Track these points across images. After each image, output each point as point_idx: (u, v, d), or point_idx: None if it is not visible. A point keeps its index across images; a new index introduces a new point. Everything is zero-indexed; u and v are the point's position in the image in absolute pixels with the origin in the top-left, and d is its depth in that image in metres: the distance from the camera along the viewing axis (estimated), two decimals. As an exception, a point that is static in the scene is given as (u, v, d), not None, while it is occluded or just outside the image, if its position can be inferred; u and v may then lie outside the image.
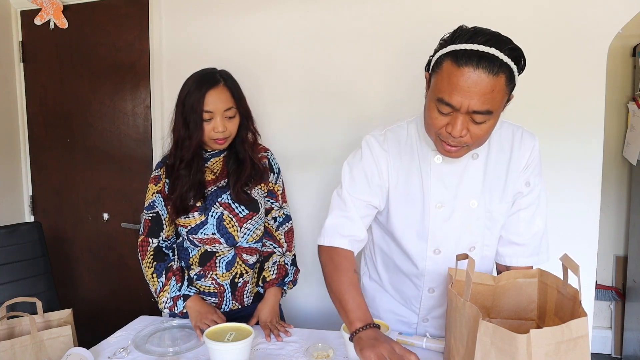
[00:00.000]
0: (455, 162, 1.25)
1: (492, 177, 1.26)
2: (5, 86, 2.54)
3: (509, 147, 1.27)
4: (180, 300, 1.54)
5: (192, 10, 2.25)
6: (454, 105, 1.06)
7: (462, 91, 1.03)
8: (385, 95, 2.07)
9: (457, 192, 1.26)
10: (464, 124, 1.08)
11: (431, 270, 1.33)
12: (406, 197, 1.29)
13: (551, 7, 1.86)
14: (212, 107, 1.47)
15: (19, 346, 1.35)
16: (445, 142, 1.13)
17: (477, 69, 1.02)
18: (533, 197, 1.29)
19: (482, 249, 1.32)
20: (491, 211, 1.27)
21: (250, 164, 1.57)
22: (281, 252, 1.65)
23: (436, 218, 1.27)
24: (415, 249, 1.32)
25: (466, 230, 1.28)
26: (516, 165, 1.26)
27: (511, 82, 1.07)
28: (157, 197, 1.57)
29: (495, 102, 1.05)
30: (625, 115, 2.94)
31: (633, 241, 2.91)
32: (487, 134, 1.11)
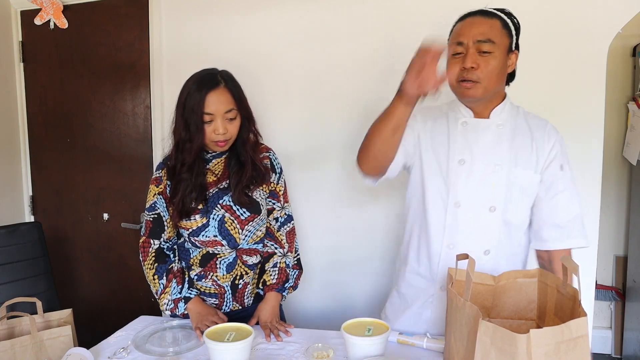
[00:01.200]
0: (480, 127, 1.39)
1: (518, 145, 1.37)
2: (5, 86, 2.54)
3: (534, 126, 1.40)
4: (181, 302, 1.54)
5: (192, 11, 2.25)
6: (462, 41, 1.31)
7: (466, 29, 1.32)
8: (386, 95, 2.07)
9: (480, 152, 1.37)
10: (473, 57, 1.29)
11: (451, 225, 1.39)
12: (434, 153, 1.42)
13: (551, 7, 1.86)
14: (212, 109, 1.45)
15: (19, 346, 1.35)
16: (462, 82, 1.32)
17: (475, 16, 1.33)
18: (567, 180, 1.38)
19: (503, 213, 1.37)
20: (516, 175, 1.36)
21: (251, 166, 1.55)
22: (282, 253, 1.65)
23: (458, 173, 1.38)
24: (439, 202, 1.41)
25: (488, 188, 1.37)
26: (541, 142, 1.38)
27: (506, 28, 1.32)
28: (159, 198, 1.57)
29: (494, 35, 1.29)
30: (625, 115, 2.94)
31: (633, 241, 2.91)
32: (495, 69, 1.30)
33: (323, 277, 2.22)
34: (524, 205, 1.40)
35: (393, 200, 2.09)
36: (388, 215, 2.11)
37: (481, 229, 1.38)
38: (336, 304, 2.22)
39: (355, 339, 1.26)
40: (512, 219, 1.38)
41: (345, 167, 2.14)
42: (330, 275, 2.21)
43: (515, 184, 1.36)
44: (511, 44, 1.33)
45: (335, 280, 2.21)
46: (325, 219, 2.19)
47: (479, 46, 1.29)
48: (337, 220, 2.18)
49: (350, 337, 1.26)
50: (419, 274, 1.48)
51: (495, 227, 1.38)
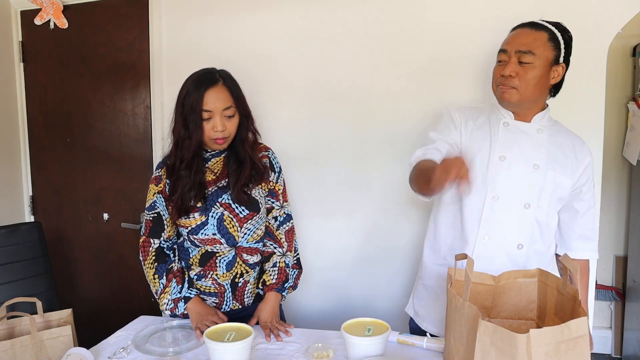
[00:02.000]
0: (521, 129, 1.46)
1: (555, 150, 1.45)
2: (5, 86, 2.54)
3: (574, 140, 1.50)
4: (181, 302, 1.54)
5: (192, 11, 2.25)
6: (506, 49, 1.40)
7: (512, 39, 1.42)
8: (385, 94, 2.07)
9: (520, 152, 1.44)
10: (513, 66, 1.37)
11: (488, 216, 1.45)
12: (473, 150, 1.48)
13: (551, 7, 1.86)
14: (211, 106, 1.46)
15: (19, 346, 1.35)
16: (501, 86, 1.41)
17: (523, 27, 1.42)
18: (594, 197, 1.52)
19: (535, 211, 1.44)
20: (551, 179, 1.43)
21: (250, 164, 1.56)
22: (281, 253, 1.65)
23: (498, 168, 1.44)
24: (475, 195, 1.45)
25: (525, 186, 1.43)
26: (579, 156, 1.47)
27: (553, 41, 1.38)
28: (158, 197, 1.57)
29: (536, 47, 1.37)
30: (625, 115, 2.94)
31: (633, 241, 2.91)
32: (533, 79, 1.37)
33: (323, 277, 2.22)
34: (554, 207, 1.48)
35: (393, 200, 2.09)
36: (388, 215, 2.11)
37: (516, 224, 1.44)
38: (336, 304, 2.22)
39: (355, 339, 1.26)
40: (542, 219, 1.46)
41: (345, 167, 2.14)
42: (330, 275, 2.21)
43: (549, 187, 1.44)
44: (557, 57, 1.40)
45: (335, 280, 2.21)
46: (325, 219, 2.19)
47: (520, 56, 1.37)
48: (337, 220, 2.18)
49: (350, 337, 1.27)
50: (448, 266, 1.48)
51: (529, 224, 1.44)
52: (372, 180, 2.11)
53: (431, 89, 2.01)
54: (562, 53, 1.40)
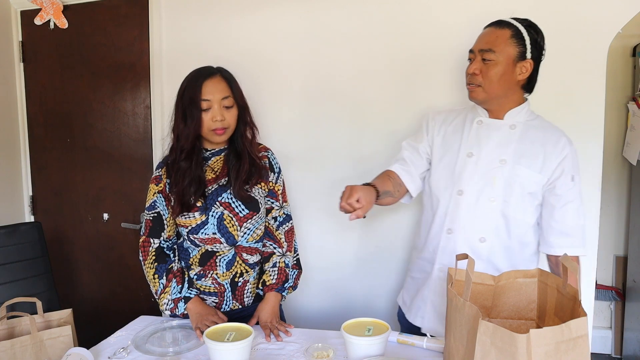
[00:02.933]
0: (494, 127, 1.50)
1: (526, 146, 1.47)
2: (5, 86, 2.54)
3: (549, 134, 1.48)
4: (181, 302, 1.54)
5: (192, 11, 2.25)
6: (472, 49, 1.47)
7: (478, 39, 1.48)
8: (385, 95, 2.07)
9: (488, 148, 1.48)
10: (476, 64, 1.44)
11: (452, 211, 1.50)
12: (444, 149, 1.56)
13: (551, 7, 1.86)
14: (209, 95, 1.49)
15: (19, 346, 1.35)
16: (468, 85, 1.47)
17: (490, 27, 1.47)
18: (576, 192, 1.47)
19: (502, 205, 1.46)
20: (519, 173, 1.45)
21: (249, 160, 1.57)
22: (281, 253, 1.65)
23: (465, 164, 1.50)
24: (445, 191, 1.52)
25: (490, 181, 1.47)
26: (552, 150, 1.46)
27: (517, 37, 1.41)
28: (159, 197, 1.57)
29: (497, 45, 1.41)
30: (625, 115, 2.93)
31: (633, 241, 2.91)
32: (495, 76, 1.42)
33: (323, 277, 2.22)
34: (526, 202, 1.47)
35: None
36: (388, 215, 2.11)
37: (479, 218, 1.48)
38: (336, 304, 2.22)
39: (355, 339, 1.26)
40: (510, 213, 1.46)
41: (344, 167, 2.14)
42: (330, 275, 2.21)
43: (517, 181, 1.45)
44: (522, 53, 1.42)
45: (335, 280, 2.21)
46: (325, 219, 2.19)
47: (483, 54, 1.43)
48: (337, 221, 2.18)
49: (350, 337, 1.27)
50: (425, 259, 1.59)
51: (494, 218, 1.47)
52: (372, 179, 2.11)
53: (431, 88, 2.01)
54: (528, 49, 1.42)
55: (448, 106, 1.71)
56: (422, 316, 1.58)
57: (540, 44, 1.45)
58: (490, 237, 1.47)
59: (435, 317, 1.55)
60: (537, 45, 1.44)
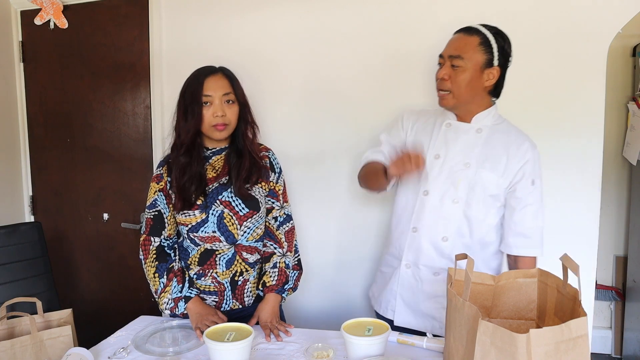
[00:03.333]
0: (461, 130, 1.55)
1: (489, 150, 1.52)
2: (5, 86, 2.54)
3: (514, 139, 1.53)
4: (182, 301, 1.54)
5: (192, 11, 2.25)
6: (442, 54, 1.50)
7: (447, 44, 1.52)
8: (385, 95, 2.07)
9: (454, 150, 1.54)
10: (446, 69, 1.48)
11: (418, 210, 1.57)
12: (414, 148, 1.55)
13: (551, 7, 1.86)
14: (210, 91, 1.51)
15: (19, 346, 1.35)
16: (438, 91, 1.51)
17: (459, 33, 1.51)
18: (537, 195, 1.52)
19: (464, 206, 1.52)
20: (482, 176, 1.50)
21: (249, 158, 1.58)
22: (281, 253, 1.65)
23: (431, 165, 1.55)
24: (411, 192, 1.59)
25: (454, 183, 1.53)
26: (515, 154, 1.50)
27: (485, 45, 1.46)
28: (159, 195, 1.58)
29: (466, 51, 1.45)
30: (625, 115, 2.94)
31: (633, 241, 2.91)
32: (463, 81, 1.46)
33: (323, 277, 2.22)
34: (487, 205, 1.53)
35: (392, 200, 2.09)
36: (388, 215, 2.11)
37: (443, 218, 1.54)
38: (336, 304, 2.22)
39: (355, 339, 1.26)
40: (472, 215, 1.53)
41: (344, 167, 2.14)
42: (330, 275, 2.21)
43: (479, 184, 1.51)
44: (489, 60, 1.46)
45: (335, 280, 2.21)
46: (325, 219, 2.19)
47: (452, 60, 1.47)
48: (337, 220, 2.18)
49: (350, 337, 1.27)
50: (393, 255, 1.67)
51: (456, 219, 1.53)
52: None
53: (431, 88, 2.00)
54: (495, 57, 1.46)
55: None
56: (393, 309, 1.65)
57: (507, 51, 1.49)
58: (453, 236, 1.54)
59: (405, 310, 1.63)
60: (504, 52, 1.48)
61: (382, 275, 1.74)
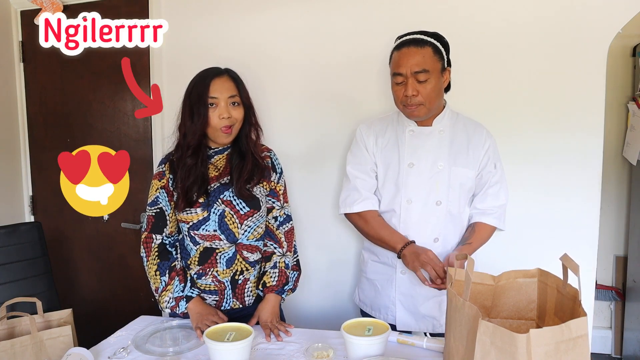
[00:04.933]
0: (425, 134, 1.62)
1: (456, 147, 1.61)
2: (5, 86, 2.54)
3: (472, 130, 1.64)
4: (183, 301, 1.54)
5: (192, 11, 2.25)
6: (402, 72, 1.51)
7: (403, 61, 1.51)
8: (386, 95, 2.07)
9: (425, 156, 1.61)
10: (413, 85, 1.50)
11: (405, 219, 1.62)
12: (384, 163, 1.66)
13: (551, 7, 1.86)
14: (216, 93, 1.52)
15: (19, 346, 1.35)
16: (407, 106, 1.54)
17: (409, 47, 1.52)
18: (498, 176, 1.64)
19: (448, 205, 1.61)
20: (456, 173, 1.59)
21: (252, 159, 1.59)
22: (281, 253, 1.65)
23: (408, 175, 1.61)
24: (393, 202, 1.64)
25: (433, 186, 1.60)
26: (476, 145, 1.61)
27: (438, 53, 1.52)
28: (161, 192, 1.58)
29: (427, 64, 1.49)
30: (625, 115, 2.93)
31: (633, 241, 2.91)
32: (433, 91, 1.52)
33: (323, 277, 2.22)
34: (463, 198, 1.63)
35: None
36: (388, 215, 2.11)
37: (430, 221, 1.61)
38: (336, 304, 2.22)
39: (355, 339, 1.26)
40: (454, 211, 1.62)
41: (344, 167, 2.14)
42: (330, 275, 2.21)
43: (455, 181, 1.60)
44: (443, 64, 1.54)
45: (335, 280, 2.21)
46: (325, 219, 2.19)
47: (416, 76, 1.50)
48: (337, 220, 2.18)
49: (350, 337, 1.27)
50: (383, 263, 1.71)
51: (442, 218, 1.61)
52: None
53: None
54: (445, 59, 1.55)
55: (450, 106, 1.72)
56: (394, 315, 1.68)
57: (448, 51, 1.57)
58: (442, 236, 1.62)
59: (406, 314, 1.67)
60: (448, 52, 1.57)
61: (369, 282, 1.76)
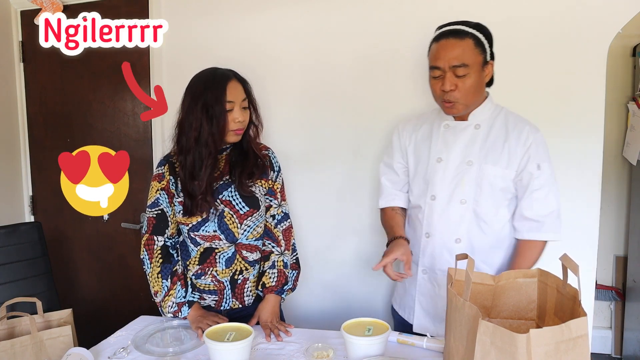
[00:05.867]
0: (459, 129, 1.54)
1: (490, 143, 1.50)
2: (5, 86, 2.54)
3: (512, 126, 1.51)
4: (185, 306, 1.55)
5: (192, 11, 2.25)
6: (439, 66, 1.43)
7: (441, 54, 1.43)
8: (386, 95, 2.07)
9: (455, 151, 1.52)
10: (451, 80, 1.42)
11: (428, 216, 1.56)
12: (416, 157, 1.61)
13: (551, 7, 1.86)
14: (233, 97, 1.51)
15: (19, 346, 1.35)
16: (444, 101, 1.46)
17: (448, 38, 1.43)
18: (544, 178, 1.48)
19: (473, 205, 1.51)
20: (486, 171, 1.48)
21: (253, 155, 1.60)
22: (279, 252, 1.65)
23: (435, 169, 1.54)
24: (420, 198, 1.58)
25: (459, 183, 1.51)
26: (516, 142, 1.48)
27: (480, 46, 1.43)
28: (162, 194, 1.58)
29: (467, 57, 1.41)
30: (625, 115, 2.93)
31: (633, 241, 2.91)
32: (471, 87, 1.43)
33: (323, 277, 2.22)
34: (497, 199, 1.51)
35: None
36: (388, 215, 2.11)
37: (453, 220, 1.53)
38: (336, 304, 2.22)
39: (355, 339, 1.26)
40: (482, 212, 1.51)
41: (344, 167, 2.14)
42: (330, 275, 2.21)
43: (485, 179, 1.49)
44: (485, 58, 1.45)
45: (335, 280, 2.21)
46: (325, 219, 2.19)
47: (455, 70, 1.41)
48: (337, 220, 2.18)
49: (350, 337, 1.27)
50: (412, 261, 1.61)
51: (466, 219, 1.52)
52: (372, 179, 2.11)
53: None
54: (488, 53, 1.46)
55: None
56: (411, 314, 1.64)
57: (492, 43, 1.47)
58: (466, 237, 1.52)
59: (423, 314, 1.62)
60: (491, 45, 1.47)
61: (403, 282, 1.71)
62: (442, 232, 1.54)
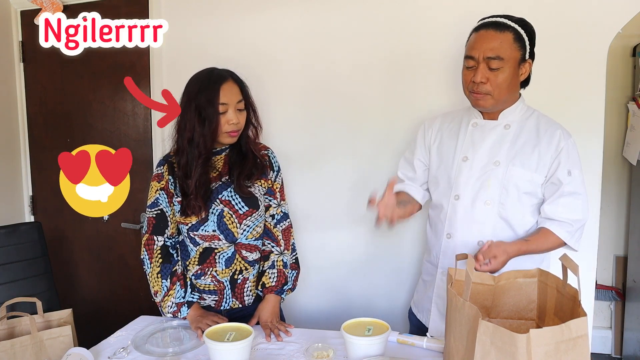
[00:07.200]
0: (488, 128, 1.49)
1: (520, 145, 1.44)
2: (5, 86, 2.54)
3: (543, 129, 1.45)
4: (184, 307, 1.55)
5: (191, 11, 2.25)
6: (473, 56, 1.39)
7: (478, 44, 1.39)
8: (386, 95, 2.07)
9: (482, 151, 1.47)
10: (483, 72, 1.37)
11: (450, 216, 1.50)
12: (440, 155, 1.56)
13: (551, 6, 1.86)
14: (226, 99, 1.50)
15: (19, 346, 1.35)
16: (473, 92, 1.41)
17: (488, 29, 1.39)
18: (575, 185, 1.41)
19: (498, 207, 1.45)
20: (513, 174, 1.43)
21: (252, 156, 1.60)
22: (279, 251, 1.66)
23: (460, 168, 1.49)
24: (444, 197, 1.53)
25: (484, 184, 1.45)
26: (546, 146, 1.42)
27: (519, 41, 1.38)
28: (161, 194, 1.58)
29: (504, 51, 1.36)
30: (625, 115, 2.93)
31: (633, 241, 2.91)
32: (505, 82, 1.38)
33: (323, 277, 2.22)
34: (524, 203, 1.45)
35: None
36: (388, 215, 2.11)
37: (476, 221, 1.47)
38: (336, 304, 2.22)
39: (355, 339, 1.26)
40: (508, 215, 1.45)
41: (344, 167, 2.14)
42: (330, 276, 2.21)
43: (511, 182, 1.43)
44: (524, 55, 1.40)
45: (335, 280, 2.21)
46: (325, 219, 2.19)
47: (489, 62, 1.37)
48: (337, 220, 2.18)
49: (350, 337, 1.27)
50: (431, 262, 1.62)
51: (491, 221, 1.46)
52: (372, 179, 2.11)
53: (431, 87, 2.01)
54: (527, 50, 1.41)
55: (447, 106, 1.72)
56: (428, 317, 1.61)
57: (534, 42, 1.43)
58: (488, 240, 1.42)
59: (439, 317, 1.57)
60: (533, 43, 1.43)
61: (423, 283, 1.69)
62: (464, 233, 1.48)
